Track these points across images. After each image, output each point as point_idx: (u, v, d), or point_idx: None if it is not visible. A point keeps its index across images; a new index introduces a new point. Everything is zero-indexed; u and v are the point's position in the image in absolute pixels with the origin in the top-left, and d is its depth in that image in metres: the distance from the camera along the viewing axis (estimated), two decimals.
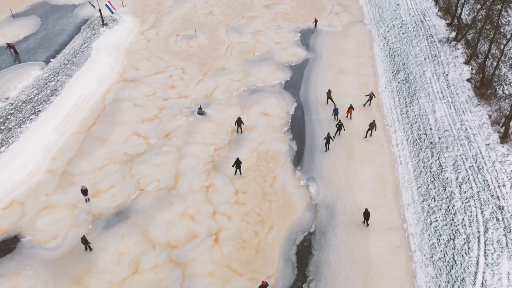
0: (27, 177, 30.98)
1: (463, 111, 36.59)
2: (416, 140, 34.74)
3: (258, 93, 40.35)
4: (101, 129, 35.78)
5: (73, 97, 39.63)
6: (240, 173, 31.16)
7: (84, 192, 28.02)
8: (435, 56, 44.83)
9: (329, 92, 38.52)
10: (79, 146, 33.96)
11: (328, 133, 33.00)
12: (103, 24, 52.86)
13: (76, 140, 34.60)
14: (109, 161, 32.45)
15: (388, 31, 51.85)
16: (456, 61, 43.64)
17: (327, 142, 32.98)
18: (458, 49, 45.46)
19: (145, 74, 43.28)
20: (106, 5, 51.42)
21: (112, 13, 52.38)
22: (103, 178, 30.84)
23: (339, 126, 34.27)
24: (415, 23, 52.33)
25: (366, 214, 27.02)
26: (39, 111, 37.72)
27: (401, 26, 52.30)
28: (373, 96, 38.56)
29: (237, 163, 30.51)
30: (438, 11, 54.49)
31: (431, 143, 34.02)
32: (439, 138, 34.15)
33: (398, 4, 57.91)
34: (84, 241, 25.34)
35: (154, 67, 44.54)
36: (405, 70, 43.75)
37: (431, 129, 35.44)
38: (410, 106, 38.66)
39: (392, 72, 43.97)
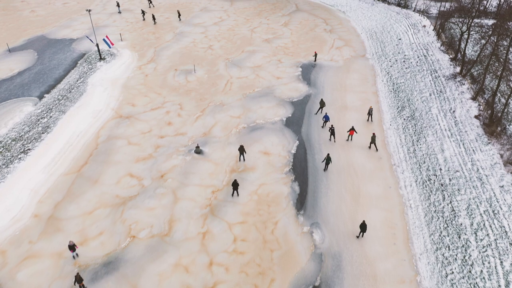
0: (11, 223, 29.15)
1: (473, 150, 35.16)
2: (426, 181, 33.11)
3: (258, 130, 39.08)
4: (92, 169, 34.22)
5: (66, 134, 38.32)
6: (238, 195, 31.40)
7: (72, 247, 26.02)
8: (440, 91, 43.91)
9: (322, 102, 41.40)
10: (68, 188, 32.29)
11: (328, 154, 33.46)
12: (101, 59, 52.37)
13: (65, 181, 32.96)
14: (100, 204, 30.70)
15: (391, 66, 51.27)
16: (463, 97, 42.66)
17: (327, 163, 33.68)
18: (464, 84, 44.60)
19: (141, 110, 42.19)
20: (104, 39, 51.08)
21: (110, 47, 51.98)
22: (92, 224, 28.99)
23: (332, 131, 36.76)
24: (418, 57, 51.83)
25: (363, 226, 26.82)
26: (29, 149, 36.30)
27: (404, 61, 51.77)
28: (372, 111, 41.09)
29: (235, 185, 30.64)
30: (441, 45, 54.20)
31: (442, 184, 32.38)
32: (450, 180, 32.55)
33: (400, 39, 57.73)
34: (79, 279, 23.58)
35: (151, 102, 43.53)
36: (410, 106, 42.69)
37: (440, 169, 33.89)
38: (417, 145, 37.27)
39: (397, 109, 42.89)
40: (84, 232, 28.34)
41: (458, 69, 47.81)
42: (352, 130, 37.14)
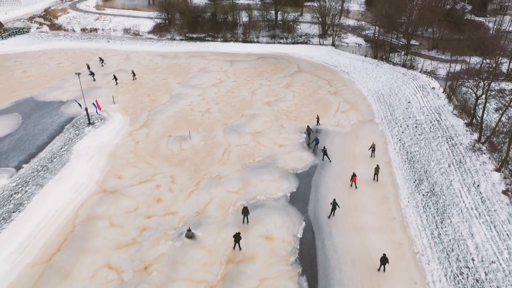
0: None
1: (507, 234, 30.87)
2: (457, 275, 28.43)
3: (259, 208, 34.94)
4: (65, 258, 29.70)
5: (40, 213, 34.18)
6: (240, 248, 30.50)
7: None
8: (459, 162, 40.34)
9: (308, 128, 46.26)
10: (33, 283, 27.61)
11: (334, 199, 33.55)
12: (89, 123, 49.47)
13: (31, 274, 28.36)
14: None
15: (402, 132, 48.14)
16: (485, 168, 39.00)
17: (333, 209, 33.55)
18: (484, 153, 41.16)
19: (128, 184, 38.34)
20: (93, 103, 48.51)
21: (97, 112, 49.29)
22: None
23: (325, 152, 39.57)
24: (430, 122, 48.90)
25: (384, 260, 26.63)
26: None
27: (416, 126, 48.77)
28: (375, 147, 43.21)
29: (237, 238, 30.06)
30: (454, 109, 51.53)
31: (477, 280, 27.72)
32: (486, 274, 27.94)
33: (409, 102, 55.25)
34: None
35: (140, 174, 39.80)
36: (428, 179, 38.88)
37: (473, 260, 29.35)
38: (442, 227, 32.94)
39: (414, 182, 39.04)
40: None
41: (475, 135, 44.62)
42: (354, 176, 37.81)
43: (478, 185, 36.89)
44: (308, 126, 46.73)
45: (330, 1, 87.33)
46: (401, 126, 49.50)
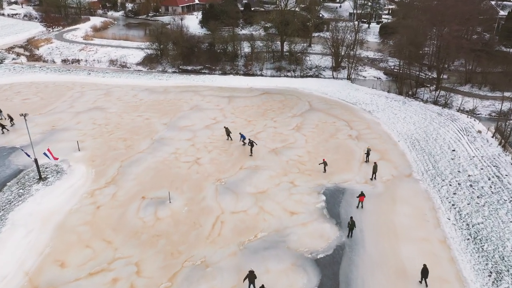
0: None
1: None
2: None
3: None
4: None
5: None
6: None
7: None
8: None
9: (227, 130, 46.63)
10: None
11: (351, 217, 31.28)
12: (40, 179, 38.61)
13: None
14: None
15: (454, 193, 36.91)
16: None
17: (351, 229, 30.99)
18: None
19: (71, 276, 26.98)
20: (45, 153, 37.96)
21: (54, 163, 38.75)
22: None
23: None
24: (489, 179, 37.90)
25: (425, 271, 25.50)
26: None
27: (470, 185, 37.62)
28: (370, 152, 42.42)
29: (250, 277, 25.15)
30: None
31: None
32: None
33: (454, 150, 44.34)
34: None
35: (93, 260, 28.47)
36: (510, 271, 27.26)
37: None
38: None
39: (489, 275, 27.43)
40: None
41: None
42: (362, 195, 34.38)
43: None
44: (225, 127, 46.75)
45: (345, 32, 78.17)
46: (450, 185, 38.30)
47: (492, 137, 47.01)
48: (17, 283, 26.53)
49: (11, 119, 51.57)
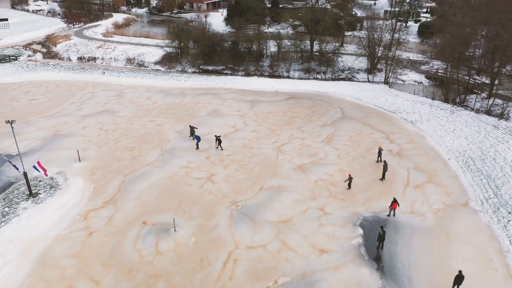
0: None
1: None
2: None
3: None
4: None
5: None
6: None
7: None
8: None
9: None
10: None
11: (382, 227, 27.72)
12: (30, 194, 33.90)
13: None
14: None
15: None
16: None
17: (381, 241, 27.75)
18: None
19: None
20: (34, 166, 33.24)
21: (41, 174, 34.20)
22: None
23: (219, 141, 38.46)
24: None
25: (460, 278, 23.40)
26: None
27: None
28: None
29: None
30: None
31: None
32: None
33: None
34: None
35: None
36: None
37: None
38: None
39: None
40: None
41: None
42: (395, 202, 30.98)
43: None
44: (191, 126, 44.93)
45: (382, 30, 71.06)
46: None
47: None
48: None
49: None
